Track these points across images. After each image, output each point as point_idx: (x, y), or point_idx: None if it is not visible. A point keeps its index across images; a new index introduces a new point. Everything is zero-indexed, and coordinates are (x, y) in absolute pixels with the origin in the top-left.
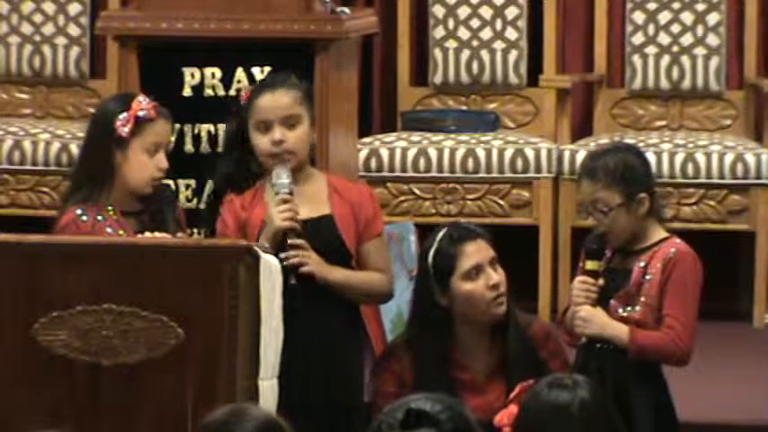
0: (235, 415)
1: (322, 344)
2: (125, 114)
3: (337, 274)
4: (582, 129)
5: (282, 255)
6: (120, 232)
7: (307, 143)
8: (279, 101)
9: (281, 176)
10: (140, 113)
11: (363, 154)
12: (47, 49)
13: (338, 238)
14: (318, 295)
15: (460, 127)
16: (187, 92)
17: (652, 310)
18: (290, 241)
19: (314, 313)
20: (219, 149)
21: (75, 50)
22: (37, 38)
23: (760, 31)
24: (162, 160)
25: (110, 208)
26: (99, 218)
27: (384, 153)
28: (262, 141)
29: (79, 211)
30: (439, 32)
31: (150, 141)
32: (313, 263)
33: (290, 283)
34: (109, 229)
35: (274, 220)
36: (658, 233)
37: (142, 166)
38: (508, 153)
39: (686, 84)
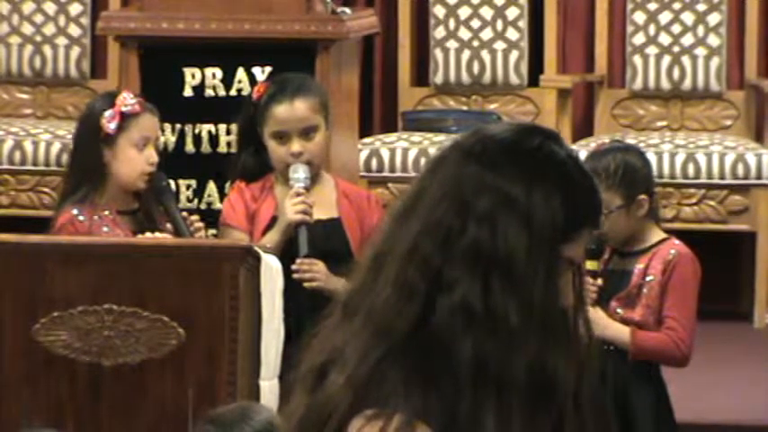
0: (239, 413)
1: None
2: (110, 111)
3: (339, 285)
4: (583, 129)
5: (294, 267)
6: (118, 232)
7: (324, 148)
8: (297, 112)
9: (299, 171)
10: (125, 109)
11: (364, 154)
12: (47, 50)
13: (345, 242)
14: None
15: (461, 127)
16: (188, 92)
17: (652, 312)
18: (299, 260)
19: (316, 308)
20: (221, 149)
21: (75, 51)
22: (38, 38)
23: (761, 32)
24: (152, 154)
25: (107, 212)
26: (95, 218)
27: (385, 153)
28: (279, 151)
29: (75, 211)
30: (440, 33)
31: (138, 136)
32: (322, 276)
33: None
34: (105, 228)
35: (286, 213)
36: (656, 234)
37: (132, 161)
38: None
39: (687, 84)
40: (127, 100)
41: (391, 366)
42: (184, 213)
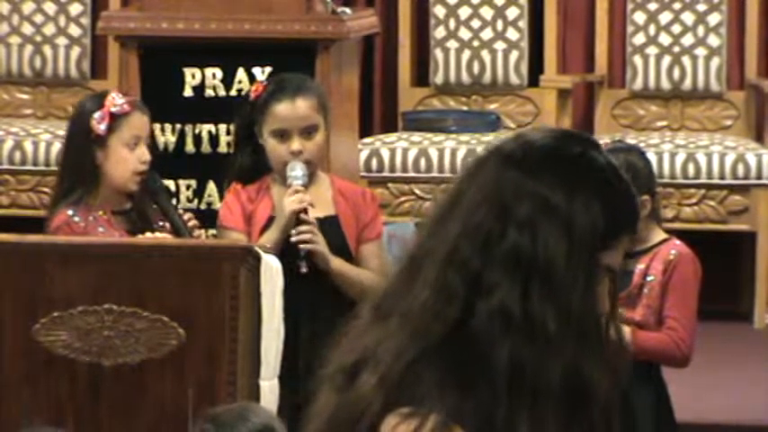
0: (238, 413)
1: (320, 338)
2: (99, 113)
3: (337, 263)
4: (583, 129)
5: (294, 231)
6: (113, 232)
7: (323, 149)
8: (298, 110)
9: (296, 169)
10: (113, 109)
11: (364, 154)
12: (48, 50)
13: (342, 238)
14: (320, 290)
15: (461, 127)
16: (188, 92)
17: (653, 312)
18: (302, 216)
19: (315, 308)
20: (221, 149)
21: (75, 51)
22: (38, 38)
23: (761, 32)
24: (144, 153)
25: (101, 213)
26: (90, 218)
27: (385, 153)
28: (278, 149)
29: (71, 212)
30: (440, 33)
31: (129, 135)
32: (321, 245)
33: (301, 270)
34: (101, 229)
35: (285, 208)
36: (657, 234)
37: (124, 161)
38: None
39: (687, 84)
40: (116, 100)
41: (426, 368)
42: (180, 211)
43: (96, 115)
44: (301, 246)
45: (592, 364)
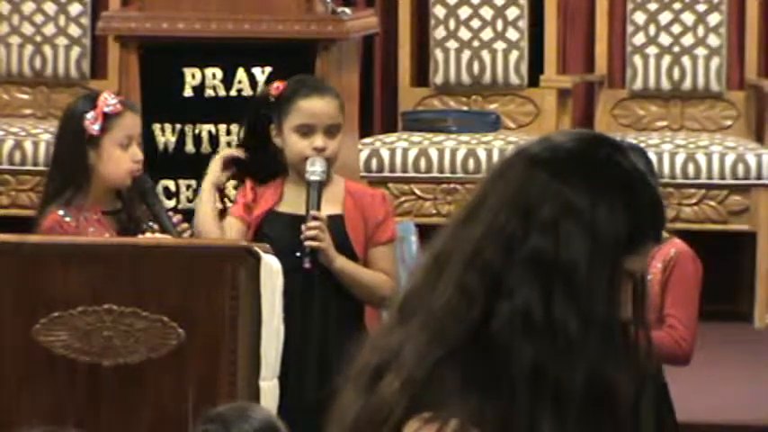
0: (238, 412)
1: (323, 338)
2: (92, 113)
3: (343, 262)
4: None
5: (303, 227)
6: (104, 232)
7: (339, 151)
8: (327, 108)
9: (316, 164)
10: (107, 109)
11: (364, 154)
12: (48, 50)
13: (345, 238)
14: (323, 288)
15: (461, 127)
16: (188, 92)
17: (654, 311)
18: (313, 213)
19: (316, 306)
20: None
21: (75, 51)
22: (38, 38)
23: (761, 32)
24: (137, 153)
25: (91, 213)
26: (81, 218)
27: (385, 153)
28: (300, 145)
29: (61, 212)
30: (440, 33)
31: (121, 135)
32: (326, 243)
33: (304, 266)
34: (91, 229)
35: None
36: None
37: (117, 160)
38: None
39: (687, 84)
40: (108, 100)
41: (447, 371)
42: (169, 213)
43: (89, 116)
44: (307, 243)
45: (614, 368)
